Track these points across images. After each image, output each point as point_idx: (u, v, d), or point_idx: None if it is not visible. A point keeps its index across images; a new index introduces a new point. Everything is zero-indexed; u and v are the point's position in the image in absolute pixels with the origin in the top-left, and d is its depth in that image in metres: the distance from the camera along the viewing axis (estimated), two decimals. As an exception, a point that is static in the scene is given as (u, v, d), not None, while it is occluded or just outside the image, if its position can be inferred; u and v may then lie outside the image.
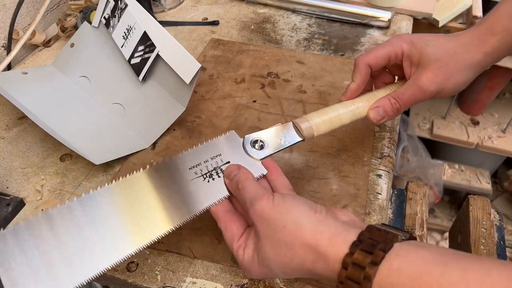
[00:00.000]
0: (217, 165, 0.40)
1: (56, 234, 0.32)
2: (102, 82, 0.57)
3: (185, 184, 0.38)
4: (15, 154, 0.53)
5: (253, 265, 0.33)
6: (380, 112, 0.43)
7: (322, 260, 0.29)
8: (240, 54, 0.69)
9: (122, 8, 0.54)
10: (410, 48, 0.43)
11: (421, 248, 0.26)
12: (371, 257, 0.26)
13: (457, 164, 1.44)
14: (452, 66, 0.41)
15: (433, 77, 0.41)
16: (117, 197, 0.36)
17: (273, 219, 0.31)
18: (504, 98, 1.46)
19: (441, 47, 0.42)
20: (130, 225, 0.35)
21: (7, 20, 0.65)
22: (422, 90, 0.42)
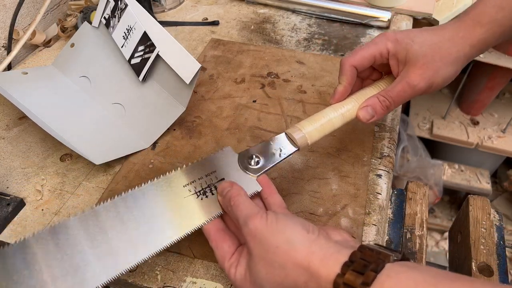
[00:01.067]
0: (211, 182, 0.39)
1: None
2: (102, 82, 0.57)
3: (178, 202, 0.38)
4: (15, 154, 0.53)
5: (245, 283, 0.33)
6: (369, 111, 0.42)
7: (315, 281, 0.29)
8: (240, 54, 0.69)
9: (122, 8, 0.54)
10: (395, 47, 0.42)
11: (412, 269, 0.26)
12: (362, 278, 0.26)
13: (457, 164, 1.44)
14: (439, 61, 0.40)
15: (422, 73, 0.41)
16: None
17: (266, 238, 0.31)
18: (504, 98, 1.46)
19: (426, 43, 0.41)
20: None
21: (7, 20, 0.65)
22: (411, 86, 0.41)
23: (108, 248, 0.34)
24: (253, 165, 0.41)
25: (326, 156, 0.51)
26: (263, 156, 0.41)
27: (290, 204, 0.46)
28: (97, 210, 0.35)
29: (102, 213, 0.35)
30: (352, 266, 0.27)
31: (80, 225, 0.34)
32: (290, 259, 0.30)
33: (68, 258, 0.33)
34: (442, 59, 0.40)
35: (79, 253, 0.33)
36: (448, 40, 0.41)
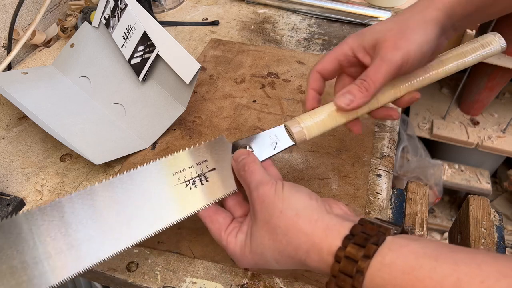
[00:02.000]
0: (202, 172, 0.38)
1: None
2: (102, 82, 0.57)
3: (167, 190, 0.37)
4: (15, 154, 0.53)
5: (245, 251, 0.33)
6: (347, 96, 0.39)
7: (316, 252, 0.29)
8: (240, 54, 0.69)
9: (122, 8, 0.54)
10: (358, 38, 0.41)
11: (414, 241, 0.26)
12: (364, 251, 0.26)
13: (457, 164, 1.44)
14: (407, 28, 0.38)
15: (393, 45, 0.38)
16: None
17: (272, 203, 0.32)
18: (504, 98, 1.46)
19: (389, 20, 0.40)
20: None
21: (7, 20, 0.65)
22: (386, 60, 0.38)
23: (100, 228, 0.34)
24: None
25: (326, 156, 0.51)
26: (258, 147, 0.40)
27: (290, 204, 0.46)
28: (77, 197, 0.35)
29: (77, 200, 0.35)
30: (353, 239, 0.27)
31: (80, 202, 0.35)
32: (293, 224, 0.30)
33: (72, 232, 0.33)
34: (409, 27, 0.38)
35: (84, 227, 0.34)
36: (410, 10, 0.40)
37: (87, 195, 0.35)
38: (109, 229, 0.35)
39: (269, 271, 0.40)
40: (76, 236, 0.33)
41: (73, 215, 0.34)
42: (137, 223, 0.35)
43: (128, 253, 0.42)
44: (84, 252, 0.33)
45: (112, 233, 0.35)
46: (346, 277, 0.27)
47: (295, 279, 0.40)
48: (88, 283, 0.65)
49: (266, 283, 0.40)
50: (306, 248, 0.29)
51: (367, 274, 0.26)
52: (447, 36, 0.41)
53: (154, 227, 0.36)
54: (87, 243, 0.34)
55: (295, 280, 0.40)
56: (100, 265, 0.41)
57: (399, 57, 0.37)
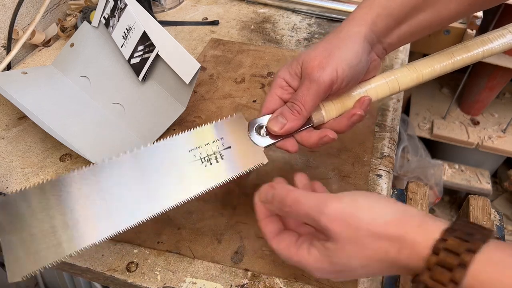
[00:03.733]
0: (217, 149, 0.39)
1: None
2: (102, 82, 0.57)
3: (183, 166, 0.38)
4: (15, 154, 0.53)
5: (323, 264, 0.31)
6: (279, 119, 0.39)
7: (409, 247, 0.28)
8: (240, 54, 0.69)
9: (121, 8, 0.54)
10: (287, 67, 0.40)
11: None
12: (468, 245, 0.25)
13: (457, 164, 1.44)
14: (332, 47, 0.37)
15: (319, 64, 0.37)
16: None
17: (354, 217, 0.30)
18: (504, 98, 1.46)
19: (318, 43, 0.39)
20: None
21: (7, 20, 0.65)
22: (313, 80, 0.37)
23: (117, 202, 0.36)
24: (262, 135, 0.40)
25: (326, 156, 0.51)
26: None
27: (290, 204, 0.46)
28: (108, 164, 0.37)
29: (109, 168, 0.37)
30: (455, 233, 0.26)
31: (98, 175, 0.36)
32: (384, 231, 0.29)
33: (108, 197, 0.35)
34: (334, 45, 0.38)
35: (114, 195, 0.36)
36: (334, 31, 0.39)
37: (115, 164, 0.36)
38: (132, 199, 0.36)
39: (271, 271, 0.40)
40: (108, 202, 0.35)
41: (105, 181, 0.36)
42: (156, 195, 0.37)
43: (128, 253, 0.42)
44: (116, 218, 0.35)
45: (137, 201, 0.36)
46: (444, 270, 0.25)
47: (295, 279, 0.40)
48: (88, 283, 0.65)
49: (266, 283, 0.40)
50: (398, 247, 0.28)
51: (470, 270, 0.24)
52: (377, 52, 0.41)
53: (171, 201, 0.36)
54: (119, 209, 0.35)
55: (295, 280, 0.40)
56: (100, 265, 0.41)
57: (327, 76, 0.36)
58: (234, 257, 0.42)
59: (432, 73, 0.42)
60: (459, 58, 0.42)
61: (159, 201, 0.36)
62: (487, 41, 0.42)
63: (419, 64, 0.42)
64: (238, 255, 0.42)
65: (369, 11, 0.38)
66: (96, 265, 0.41)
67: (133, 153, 0.37)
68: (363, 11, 0.39)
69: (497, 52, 0.43)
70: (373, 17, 0.38)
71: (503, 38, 0.42)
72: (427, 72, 0.42)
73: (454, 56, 0.42)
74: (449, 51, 0.42)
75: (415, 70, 0.42)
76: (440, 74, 0.42)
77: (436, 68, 0.42)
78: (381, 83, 0.42)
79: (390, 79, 0.42)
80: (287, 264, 0.40)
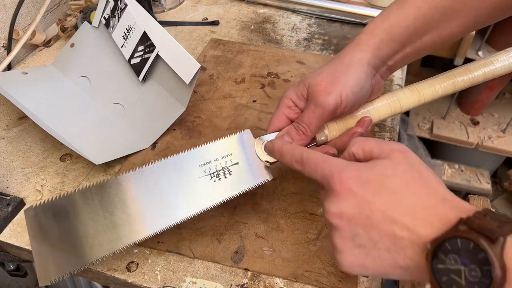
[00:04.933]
0: (226, 165, 0.40)
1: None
2: (102, 82, 0.57)
3: (192, 181, 0.40)
4: (15, 154, 0.53)
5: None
6: (286, 138, 0.41)
7: (450, 199, 0.28)
8: (240, 54, 0.69)
9: (122, 8, 0.54)
10: (294, 89, 0.42)
11: None
12: (499, 223, 0.24)
13: (457, 164, 1.44)
14: (336, 72, 0.39)
15: (325, 89, 0.39)
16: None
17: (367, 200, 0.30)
18: (504, 98, 1.46)
19: (322, 66, 0.41)
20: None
21: (7, 20, 0.65)
22: (318, 105, 0.39)
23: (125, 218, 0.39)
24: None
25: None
26: None
27: (290, 204, 0.46)
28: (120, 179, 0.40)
29: (122, 183, 0.39)
30: (489, 215, 0.25)
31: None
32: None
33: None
34: (339, 70, 0.39)
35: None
36: (338, 55, 0.41)
37: (139, 174, 0.39)
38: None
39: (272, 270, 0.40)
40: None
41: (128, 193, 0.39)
42: (170, 209, 0.39)
43: (128, 253, 0.42)
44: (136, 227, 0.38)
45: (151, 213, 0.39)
46: (490, 219, 0.24)
47: (295, 279, 0.40)
48: (88, 283, 0.65)
49: (266, 283, 0.40)
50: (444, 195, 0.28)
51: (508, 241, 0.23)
52: (381, 74, 0.42)
53: (182, 214, 0.39)
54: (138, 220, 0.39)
55: (295, 280, 0.40)
56: (100, 265, 0.41)
57: (331, 101, 0.38)
58: (234, 257, 0.42)
59: (433, 95, 0.43)
60: (460, 80, 0.43)
61: (172, 214, 0.39)
62: (489, 63, 0.43)
63: (421, 87, 0.43)
64: (238, 255, 0.42)
65: (372, 37, 0.40)
66: (96, 265, 0.41)
67: (149, 166, 0.40)
68: (367, 37, 0.40)
69: (499, 74, 0.43)
70: (377, 42, 0.39)
71: (505, 61, 0.43)
72: (429, 94, 0.43)
73: (455, 77, 0.43)
74: (451, 73, 0.43)
75: (417, 92, 0.43)
76: (442, 96, 0.43)
77: (437, 89, 0.43)
78: (383, 104, 0.43)
79: (392, 100, 0.43)
80: (287, 264, 0.41)
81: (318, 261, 0.41)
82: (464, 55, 1.11)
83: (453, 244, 0.25)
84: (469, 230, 0.25)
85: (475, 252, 0.24)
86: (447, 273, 0.25)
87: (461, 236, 0.25)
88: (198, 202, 0.39)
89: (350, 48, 0.41)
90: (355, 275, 0.32)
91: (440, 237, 0.26)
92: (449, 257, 0.25)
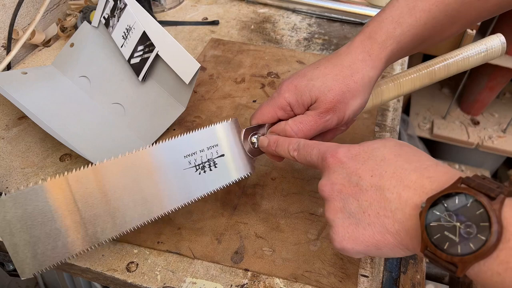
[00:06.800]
0: (212, 157, 0.40)
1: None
2: (102, 82, 0.57)
3: (178, 172, 0.39)
4: (15, 154, 0.53)
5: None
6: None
7: (443, 165, 0.28)
8: (240, 54, 0.69)
9: (121, 8, 0.54)
10: (296, 95, 0.39)
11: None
12: (491, 185, 0.25)
13: (457, 164, 1.44)
14: (347, 91, 0.38)
15: (332, 107, 0.38)
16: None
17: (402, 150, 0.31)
18: (504, 98, 1.46)
19: (329, 77, 0.38)
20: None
21: (7, 20, 0.65)
22: (323, 120, 0.39)
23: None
24: (255, 146, 0.41)
25: (326, 156, 0.51)
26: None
27: (290, 204, 0.46)
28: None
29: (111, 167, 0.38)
30: (486, 179, 0.26)
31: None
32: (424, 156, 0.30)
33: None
34: (349, 89, 0.38)
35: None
36: (348, 67, 0.38)
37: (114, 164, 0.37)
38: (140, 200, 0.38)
39: (272, 270, 0.40)
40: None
41: (108, 183, 0.37)
42: (152, 201, 0.38)
43: (128, 253, 0.42)
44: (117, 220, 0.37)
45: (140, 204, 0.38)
46: (488, 182, 0.25)
47: (295, 280, 0.40)
48: (88, 283, 0.65)
49: (266, 283, 0.40)
50: (435, 162, 0.29)
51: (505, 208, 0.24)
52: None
53: (164, 207, 0.38)
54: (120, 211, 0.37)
55: (295, 281, 0.40)
56: (100, 265, 0.41)
57: (335, 119, 0.39)
58: (234, 257, 0.42)
59: (411, 85, 0.46)
60: (437, 68, 0.45)
61: (157, 205, 0.38)
62: (463, 52, 0.45)
63: (399, 77, 0.46)
64: (238, 255, 0.42)
65: (384, 49, 0.38)
66: (96, 265, 0.41)
67: (132, 154, 0.38)
68: (379, 48, 0.38)
69: (472, 66, 0.46)
70: (388, 54, 0.39)
71: (478, 53, 0.45)
72: (406, 81, 0.46)
73: (433, 66, 0.46)
74: (429, 63, 0.46)
75: (399, 86, 0.46)
76: (420, 87, 0.46)
77: (414, 76, 0.46)
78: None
79: (375, 93, 0.45)
80: (287, 264, 0.41)
81: (318, 261, 0.41)
82: (465, 55, 1.11)
83: (451, 201, 0.25)
84: (468, 188, 0.25)
85: (474, 208, 0.24)
86: (441, 231, 0.25)
87: (460, 192, 0.25)
88: (183, 194, 0.39)
89: (361, 61, 0.38)
90: (347, 254, 0.33)
91: (437, 194, 0.26)
92: (445, 215, 0.25)
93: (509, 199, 0.24)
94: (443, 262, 0.25)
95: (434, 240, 0.25)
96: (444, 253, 0.25)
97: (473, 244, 0.24)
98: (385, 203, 0.29)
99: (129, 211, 0.37)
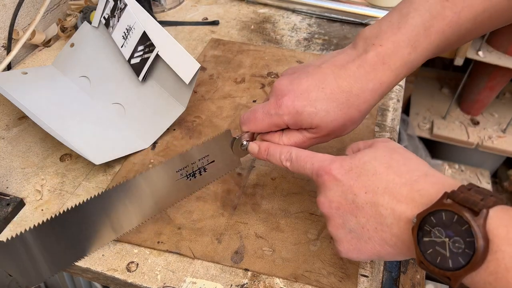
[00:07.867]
0: (202, 165, 0.42)
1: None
2: (102, 82, 0.57)
3: (169, 185, 0.42)
4: (15, 154, 0.53)
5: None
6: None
7: (432, 174, 0.29)
8: (240, 54, 0.69)
9: (121, 8, 0.54)
10: (296, 120, 0.37)
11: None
12: (483, 197, 0.25)
13: (457, 164, 1.44)
14: (349, 121, 0.37)
15: (331, 133, 0.38)
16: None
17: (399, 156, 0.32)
18: (504, 98, 1.47)
19: (333, 104, 0.36)
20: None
21: (7, 20, 0.65)
22: (318, 141, 0.39)
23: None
24: (243, 149, 0.43)
25: (326, 156, 0.51)
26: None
27: (290, 204, 0.46)
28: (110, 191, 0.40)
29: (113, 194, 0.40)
30: (472, 189, 0.26)
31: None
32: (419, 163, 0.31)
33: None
34: (351, 119, 0.37)
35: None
36: (356, 96, 0.36)
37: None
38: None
39: (272, 270, 0.40)
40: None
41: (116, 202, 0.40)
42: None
43: (128, 253, 0.42)
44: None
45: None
46: (474, 193, 0.25)
47: (295, 279, 0.40)
48: (88, 283, 0.65)
49: (266, 283, 0.40)
50: (426, 171, 0.30)
51: (490, 216, 0.24)
52: None
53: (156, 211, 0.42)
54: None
55: (295, 281, 0.40)
56: (100, 265, 0.41)
57: (329, 140, 0.40)
58: (234, 257, 0.42)
59: None
60: None
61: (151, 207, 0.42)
62: None
63: None
64: (238, 255, 0.42)
65: (395, 78, 0.36)
66: (96, 265, 0.41)
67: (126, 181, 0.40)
68: (390, 77, 0.36)
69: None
70: (397, 80, 0.37)
71: None
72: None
73: None
74: None
75: None
76: None
77: None
78: None
79: None
80: (287, 264, 0.41)
81: (318, 261, 0.41)
82: (464, 55, 1.11)
83: (438, 217, 0.26)
84: (453, 203, 0.26)
85: (459, 224, 0.25)
86: (433, 246, 0.26)
87: (445, 209, 0.26)
88: (172, 198, 0.42)
89: (370, 90, 0.36)
90: (355, 260, 0.34)
91: (425, 211, 0.27)
92: (434, 230, 0.26)
93: (495, 209, 0.25)
94: (437, 276, 0.26)
95: (427, 255, 0.27)
96: (437, 268, 0.26)
97: (462, 258, 0.25)
98: (381, 219, 0.30)
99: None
